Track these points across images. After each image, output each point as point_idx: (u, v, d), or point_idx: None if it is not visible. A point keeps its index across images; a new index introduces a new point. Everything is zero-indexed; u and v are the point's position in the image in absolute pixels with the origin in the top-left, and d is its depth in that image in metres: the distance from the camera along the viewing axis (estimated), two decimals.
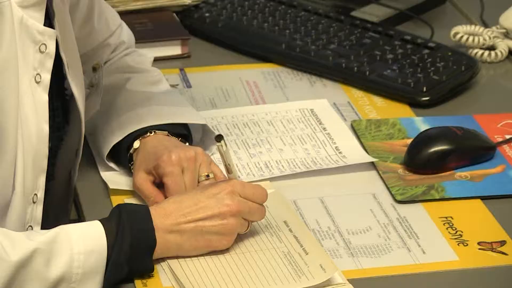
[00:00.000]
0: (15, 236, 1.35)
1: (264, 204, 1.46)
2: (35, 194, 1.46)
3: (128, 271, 1.38)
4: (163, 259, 1.42)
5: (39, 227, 1.48)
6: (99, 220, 1.39)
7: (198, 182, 1.55)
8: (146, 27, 1.92)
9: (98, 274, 1.35)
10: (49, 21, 1.47)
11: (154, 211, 1.41)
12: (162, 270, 1.41)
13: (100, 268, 1.35)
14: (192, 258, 1.43)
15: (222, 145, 1.43)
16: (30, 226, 1.47)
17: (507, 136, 1.72)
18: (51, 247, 1.34)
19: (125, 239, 1.37)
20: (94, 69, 1.68)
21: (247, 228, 1.44)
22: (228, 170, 1.46)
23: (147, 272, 1.40)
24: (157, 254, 1.40)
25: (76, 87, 1.53)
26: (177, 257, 1.43)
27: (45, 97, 1.44)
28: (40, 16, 1.43)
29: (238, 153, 1.69)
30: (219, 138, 1.43)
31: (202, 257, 1.43)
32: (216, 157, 1.63)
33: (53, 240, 1.34)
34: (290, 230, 1.49)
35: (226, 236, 1.42)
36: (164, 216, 1.41)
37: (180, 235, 1.41)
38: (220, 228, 1.41)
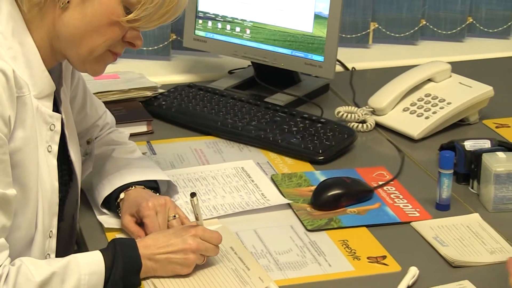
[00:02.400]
0: (38, 262, 1.35)
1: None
2: (51, 231, 1.46)
3: (122, 286, 1.37)
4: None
5: (54, 254, 1.47)
6: (100, 250, 1.39)
7: (168, 220, 1.54)
8: (121, 112, 1.91)
9: None
10: (56, 108, 1.47)
11: (138, 244, 1.41)
12: (146, 283, 1.41)
13: (100, 285, 1.35)
14: None
15: (194, 200, 1.43)
16: (48, 254, 1.46)
17: (380, 183, 1.73)
18: (65, 270, 1.33)
19: (119, 263, 1.37)
20: (88, 142, 1.67)
21: (204, 260, 1.43)
22: (197, 218, 1.45)
23: (136, 286, 1.39)
24: (140, 274, 1.40)
25: (74, 155, 1.53)
26: None
27: (55, 162, 1.45)
28: (50, 104, 1.44)
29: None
30: (193, 195, 1.44)
31: None
32: (178, 203, 1.62)
33: (66, 266, 1.34)
34: (236, 253, 1.49)
35: (186, 267, 1.42)
36: (145, 248, 1.41)
37: (155, 262, 1.41)
38: (182, 260, 1.41)
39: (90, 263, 1.35)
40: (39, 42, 1.40)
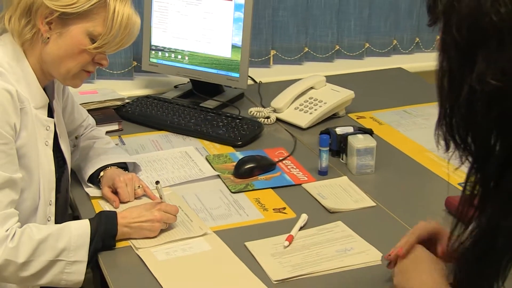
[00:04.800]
0: (41, 226, 1.32)
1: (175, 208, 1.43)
2: (50, 200, 1.42)
3: (102, 246, 1.34)
4: None
5: (54, 217, 1.44)
6: (88, 219, 1.36)
7: (135, 190, 1.52)
8: (100, 116, 1.86)
9: (85, 247, 1.31)
10: (50, 113, 1.44)
11: (118, 215, 1.38)
12: (128, 242, 1.39)
13: (86, 244, 1.32)
14: None
15: (158, 186, 1.42)
16: (49, 217, 1.43)
17: (280, 158, 1.74)
18: (59, 232, 1.30)
19: (101, 230, 1.34)
20: (76, 138, 1.64)
21: (166, 226, 1.40)
22: (161, 197, 1.43)
23: (112, 247, 1.36)
24: (117, 237, 1.37)
25: (64, 147, 1.50)
26: None
27: (51, 152, 1.42)
28: (45, 112, 1.41)
29: (153, 175, 1.65)
30: (157, 182, 1.42)
31: None
32: (141, 177, 1.59)
33: (61, 228, 1.31)
34: (182, 210, 1.48)
35: (153, 231, 1.39)
36: (122, 218, 1.38)
37: (130, 229, 1.38)
38: (150, 227, 1.38)
39: (80, 228, 1.33)
40: (33, 66, 1.37)
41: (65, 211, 1.56)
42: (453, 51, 0.90)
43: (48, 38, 1.34)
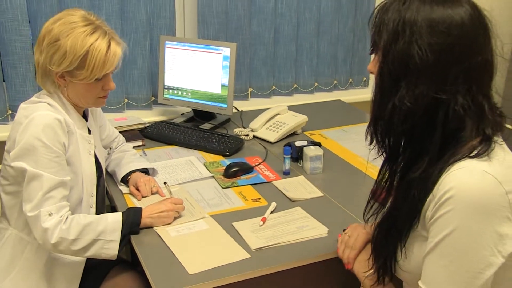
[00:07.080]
0: (86, 215, 1.31)
1: (181, 201, 1.42)
2: (92, 193, 1.41)
3: (129, 231, 1.33)
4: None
5: (95, 204, 1.42)
6: (121, 212, 1.35)
7: (151, 188, 1.52)
8: (128, 136, 1.86)
9: (118, 230, 1.31)
10: (90, 132, 1.43)
11: (143, 210, 1.37)
12: (152, 230, 1.37)
13: (119, 229, 1.31)
14: None
15: (167, 186, 1.43)
16: (91, 205, 1.41)
17: (256, 164, 1.74)
18: (99, 220, 1.30)
19: (129, 220, 1.33)
20: (110, 148, 1.64)
21: (178, 214, 1.40)
22: (170, 193, 1.43)
23: (136, 233, 1.34)
24: (141, 226, 1.35)
25: (100, 156, 1.49)
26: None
27: (93, 159, 1.41)
28: (86, 131, 1.41)
29: (167, 176, 1.64)
30: (165, 183, 1.44)
31: None
32: (157, 180, 1.59)
33: (100, 217, 1.31)
34: (187, 200, 1.48)
35: (169, 219, 1.38)
36: (146, 212, 1.37)
37: (151, 219, 1.37)
38: (166, 215, 1.38)
39: (114, 217, 1.32)
40: (69, 101, 1.37)
41: (104, 199, 1.56)
42: (386, 77, 0.93)
43: (65, 87, 1.34)
